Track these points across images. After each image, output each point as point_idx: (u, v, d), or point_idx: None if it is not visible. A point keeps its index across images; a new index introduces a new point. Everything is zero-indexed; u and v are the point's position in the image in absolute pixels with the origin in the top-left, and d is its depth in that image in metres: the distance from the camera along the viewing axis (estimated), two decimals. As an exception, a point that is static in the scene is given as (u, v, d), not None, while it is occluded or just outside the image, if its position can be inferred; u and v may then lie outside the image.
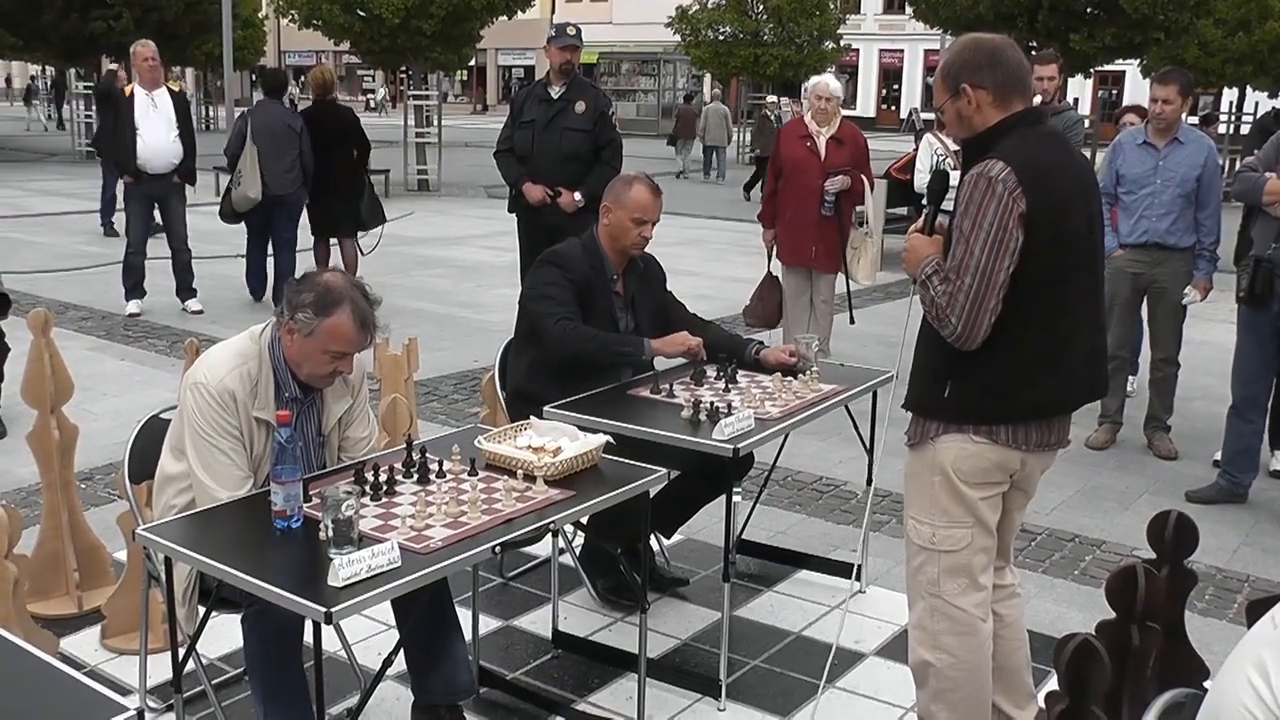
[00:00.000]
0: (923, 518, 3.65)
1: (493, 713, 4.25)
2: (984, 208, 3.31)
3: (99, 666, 4.50)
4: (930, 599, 3.67)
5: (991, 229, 3.30)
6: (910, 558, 3.76)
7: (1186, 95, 7.01)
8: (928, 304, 3.45)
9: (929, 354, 3.58)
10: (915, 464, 3.68)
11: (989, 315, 3.34)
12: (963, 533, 3.60)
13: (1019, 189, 3.29)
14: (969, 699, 3.71)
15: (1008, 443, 3.52)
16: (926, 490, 3.63)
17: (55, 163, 28.04)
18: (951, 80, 3.51)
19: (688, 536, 5.74)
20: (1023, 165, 3.33)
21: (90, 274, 12.97)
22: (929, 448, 3.60)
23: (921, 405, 3.63)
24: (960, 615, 3.64)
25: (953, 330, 3.37)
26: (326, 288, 3.61)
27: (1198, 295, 7.19)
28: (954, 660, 3.66)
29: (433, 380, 8.67)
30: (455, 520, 3.38)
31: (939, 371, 3.54)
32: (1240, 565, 5.75)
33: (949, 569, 3.63)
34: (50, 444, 4.96)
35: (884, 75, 59.69)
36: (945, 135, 8.56)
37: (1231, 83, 28.95)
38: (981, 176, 3.34)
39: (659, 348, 4.85)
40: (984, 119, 3.49)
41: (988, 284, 3.32)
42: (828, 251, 8.61)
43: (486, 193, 22.08)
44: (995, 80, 3.46)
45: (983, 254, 3.31)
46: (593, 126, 8.10)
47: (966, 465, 3.54)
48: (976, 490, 3.57)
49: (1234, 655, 2.01)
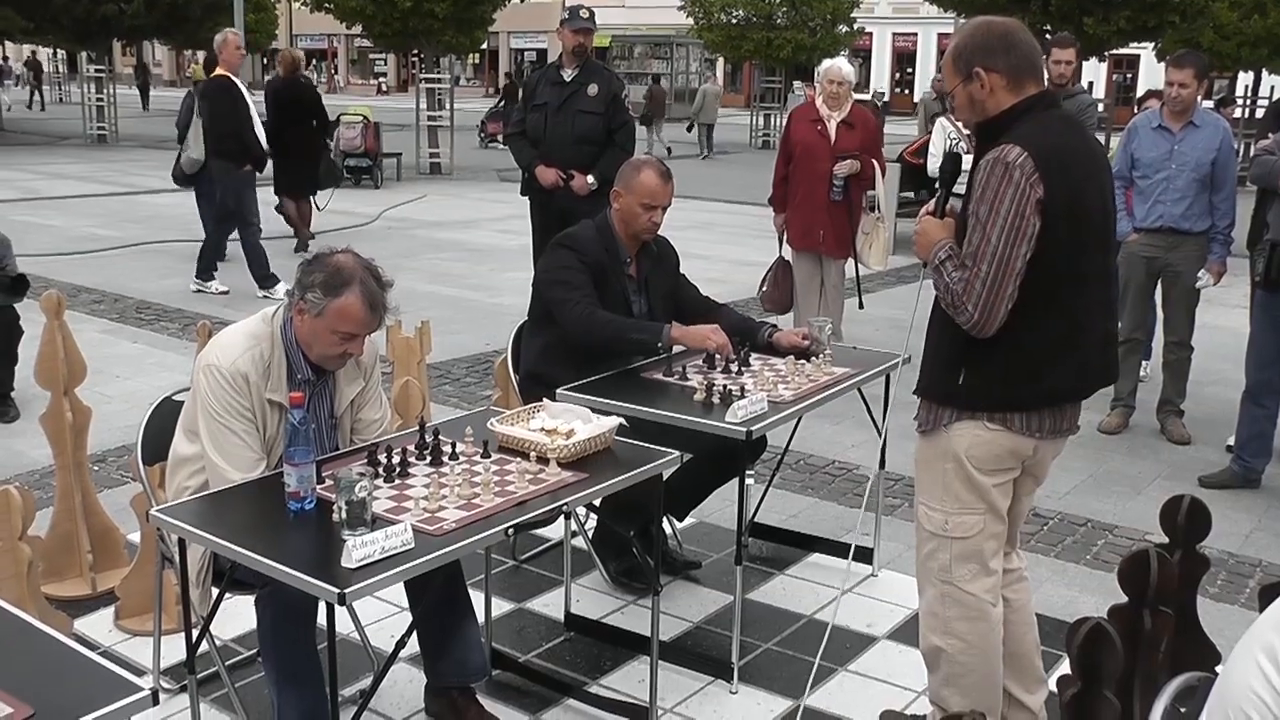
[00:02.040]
0: (934, 504, 3.65)
1: (505, 695, 4.26)
2: (1001, 194, 3.28)
3: (113, 647, 4.52)
4: (941, 585, 3.67)
5: (1009, 216, 3.27)
6: (921, 544, 3.75)
7: (1202, 79, 6.98)
8: (942, 290, 3.43)
9: (942, 340, 3.56)
10: (927, 451, 3.66)
11: (1006, 303, 3.32)
12: (975, 519, 3.59)
13: (1036, 174, 3.26)
14: (980, 683, 3.71)
15: (1021, 430, 3.50)
16: (939, 477, 3.61)
17: (67, 146, 28.10)
18: (963, 64, 3.47)
19: (700, 519, 5.74)
20: (1039, 150, 3.30)
21: (103, 257, 13.00)
22: (941, 435, 3.58)
23: (934, 392, 3.61)
24: (971, 601, 3.64)
25: (969, 318, 3.35)
26: (337, 268, 3.61)
27: (1211, 279, 7.16)
28: (965, 645, 3.66)
29: (445, 363, 8.68)
30: (468, 502, 3.38)
31: (952, 358, 3.52)
32: (1253, 550, 5.74)
33: (960, 555, 3.62)
34: (63, 426, 4.98)
35: (897, 59, 59.50)
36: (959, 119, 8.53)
37: (1247, 66, 28.78)
38: (998, 162, 3.30)
39: (679, 336, 4.78)
40: (997, 103, 3.45)
41: (1005, 271, 3.29)
42: (837, 236, 8.57)
43: (499, 176, 22.08)
44: (1009, 64, 3.42)
45: (1000, 241, 3.28)
46: (605, 109, 8.07)
47: (980, 452, 3.53)
48: (990, 477, 3.56)
49: (1244, 640, 2.00)
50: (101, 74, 29.16)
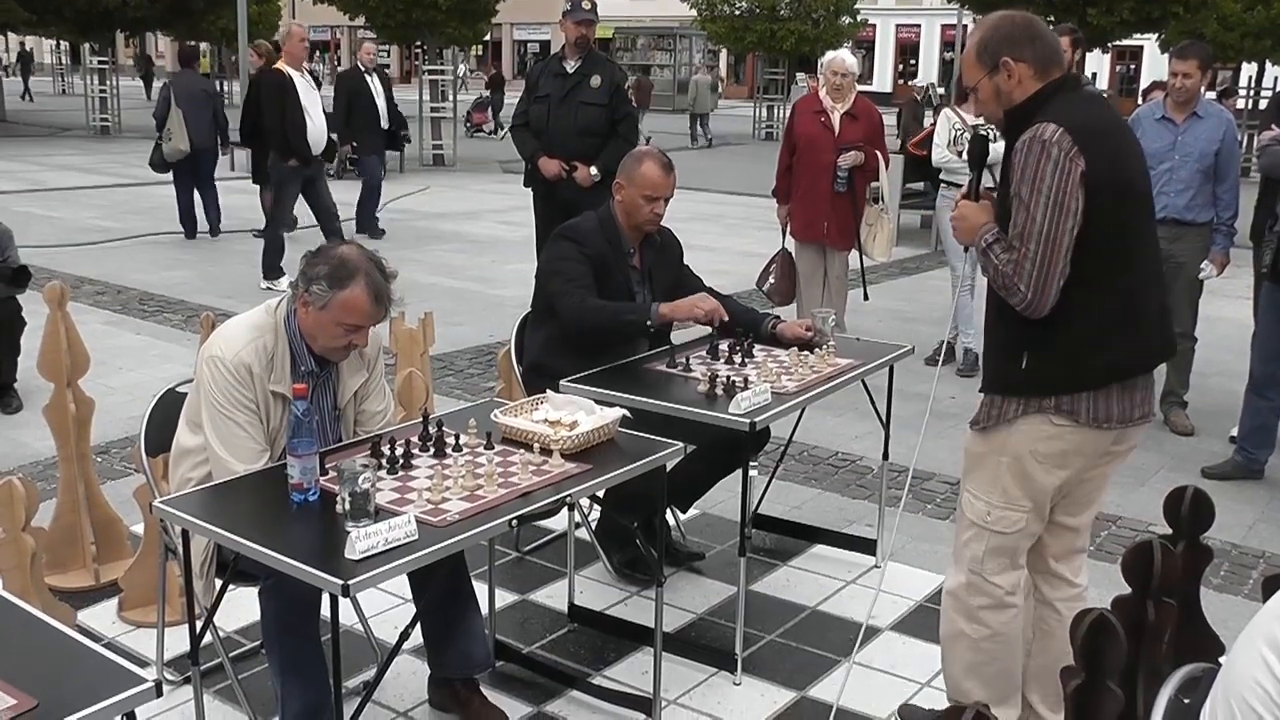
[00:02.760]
0: (980, 494, 3.62)
1: (509, 686, 4.27)
2: (1041, 171, 3.26)
3: (116, 639, 4.52)
4: (970, 574, 3.67)
5: (1051, 192, 3.25)
6: (960, 530, 3.74)
7: (1206, 69, 6.97)
8: (992, 273, 3.40)
9: (999, 328, 3.54)
10: (982, 445, 3.62)
11: (1058, 280, 3.29)
12: (1018, 516, 3.57)
13: (1075, 149, 3.24)
14: (1001, 673, 3.71)
15: (1089, 422, 3.44)
16: (991, 469, 3.58)
17: (69, 138, 28.08)
18: (990, 55, 3.45)
19: (704, 511, 5.74)
20: (1075, 125, 3.28)
21: (106, 248, 13.00)
22: (1002, 431, 3.53)
23: (999, 382, 3.56)
24: (996, 592, 3.64)
25: (1022, 298, 3.32)
26: (341, 260, 3.61)
27: (1214, 270, 7.16)
28: (989, 632, 3.66)
29: (448, 355, 8.68)
30: (472, 494, 3.38)
31: (1012, 344, 3.48)
32: (1256, 541, 5.74)
33: (994, 549, 3.61)
34: (66, 417, 4.98)
35: (901, 50, 59.42)
36: (963, 110, 8.51)
37: (1250, 57, 28.70)
38: (1035, 140, 3.28)
39: (667, 311, 4.76)
40: (1024, 91, 3.44)
41: (1053, 248, 3.26)
42: (841, 228, 8.55)
43: (501, 168, 22.07)
44: (1035, 53, 3.42)
45: (1044, 218, 3.26)
46: (608, 100, 8.07)
47: (1045, 448, 3.48)
48: (1051, 475, 3.51)
49: (1247, 631, 2.01)
50: (104, 65, 29.15)
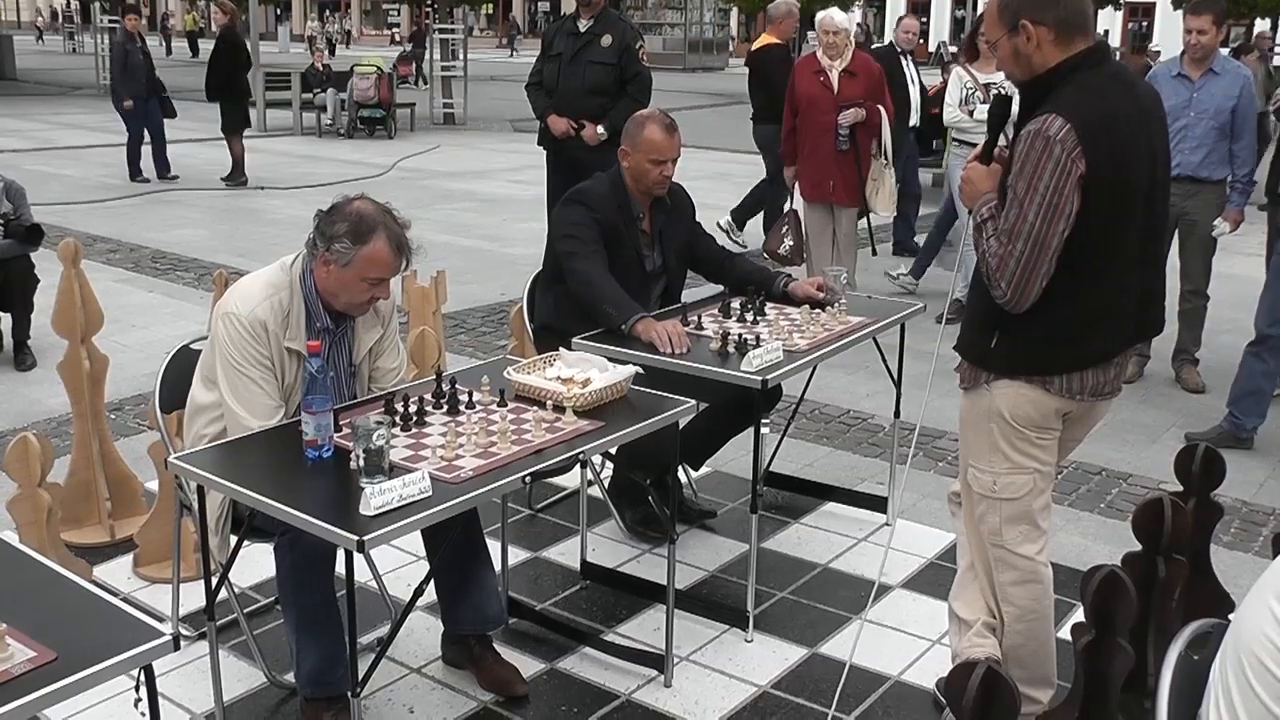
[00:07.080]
0: (982, 465, 3.56)
1: (521, 643, 4.29)
2: (1040, 169, 3.16)
3: (132, 594, 4.55)
4: (993, 549, 3.59)
5: (1047, 193, 3.16)
6: (971, 507, 3.66)
7: (1221, 25, 6.91)
8: (980, 255, 3.34)
9: (978, 301, 3.48)
10: (970, 410, 3.58)
11: (1040, 280, 3.23)
12: (1024, 479, 3.51)
13: (1078, 149, 3.14)
14: (1036, 653, 3.66)
15: (1061, 392, 3.40)
16: (985, 437, 3.53)
17: (80, 96, 28.05)
18: (1010, 14, 3.31)
19: (715, 468, 5.76)
20: (1084, 120, 3.16)
21: (118, 206, 13.01)
22: (984, 392, 3.49)
23: (970, 353, 3.53)
24: (1024, 564, 3.57)
25: (1002, 294, 3.26)
26: (360, 216, 3.60)
27: (1228, 226, 7.11)
28: (1020, 611, 3.60)
29: (460, 313, 8.69)
30: (485, 450, 3.39)
31: (986, 321, 3.43)
32: (1266, 499, 5.74)
33: (1010, 517, 3.54)
34: (81, 374, 5.00)
35: (912, 8, 59.01)
36: (974, 67, 8.46)
37: (1264, 13, 28.55)
38: (1039, 135, 3.17)
39: (641, 330, 4.51)
40: (1044, 58, 3.31)
41: (1040, 250, 3.19)
42: (846, 186, 8.52)
43: (512, 127, 22.00)
44: (1058, 16, 3.27)
45: (1037, 219, 3.18)
46: (618, 60, 8.05)
47: (1021, 411, 3.44)
48: (1034, 432, 3.47)
49: (1257, 586, 2.02)
50: (115, 24, 29.01)
